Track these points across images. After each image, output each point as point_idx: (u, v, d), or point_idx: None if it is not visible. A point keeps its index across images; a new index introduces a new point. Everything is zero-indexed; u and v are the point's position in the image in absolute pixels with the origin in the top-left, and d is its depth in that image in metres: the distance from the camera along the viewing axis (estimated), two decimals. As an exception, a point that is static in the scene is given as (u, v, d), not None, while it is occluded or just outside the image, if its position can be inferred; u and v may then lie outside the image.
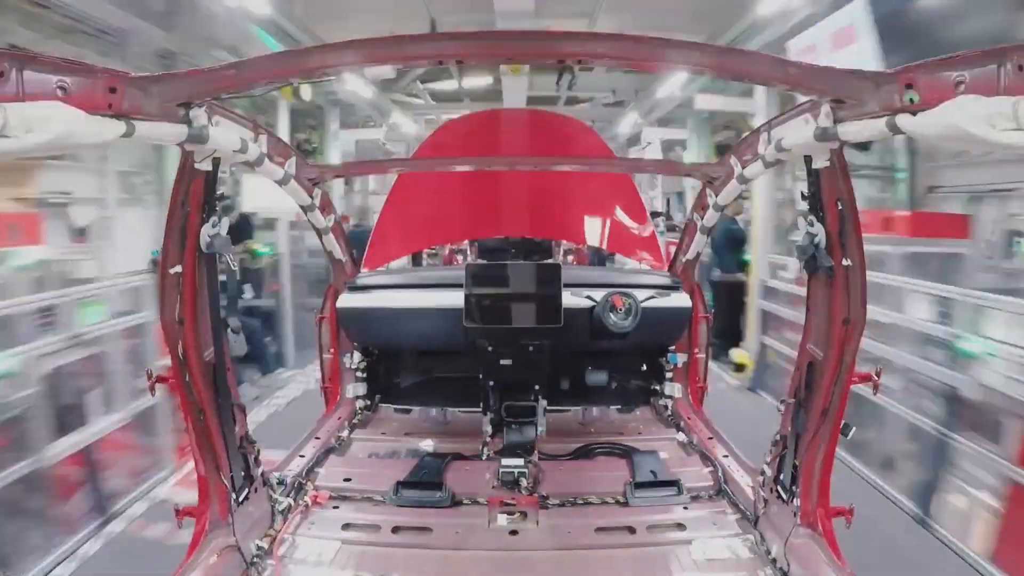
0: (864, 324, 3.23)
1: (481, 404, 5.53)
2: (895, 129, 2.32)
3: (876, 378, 3.55)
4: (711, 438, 5.09)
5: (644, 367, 6.04)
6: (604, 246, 7.40)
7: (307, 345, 11.01)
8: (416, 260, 11.56)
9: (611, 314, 5.27)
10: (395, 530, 3.98)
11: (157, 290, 3.26)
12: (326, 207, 4.97)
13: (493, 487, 4.38)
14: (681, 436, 5.28)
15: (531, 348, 5.36)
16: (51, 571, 5.78)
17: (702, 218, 5.01)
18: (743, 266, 13.33)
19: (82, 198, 11.86)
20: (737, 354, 12.34)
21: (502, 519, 4.07)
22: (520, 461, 4.47)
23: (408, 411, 6.06)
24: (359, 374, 5.91)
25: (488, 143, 6.42)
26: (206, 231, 3.27)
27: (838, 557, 3.34)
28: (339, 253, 5.49)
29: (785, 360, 10.10)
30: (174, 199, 3.19)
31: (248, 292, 10.64)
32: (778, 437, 3.89)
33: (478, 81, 21.06)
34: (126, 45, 11.16)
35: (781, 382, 9.20)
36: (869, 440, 7.64)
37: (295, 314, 12.85)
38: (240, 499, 3.71)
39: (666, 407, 5.86)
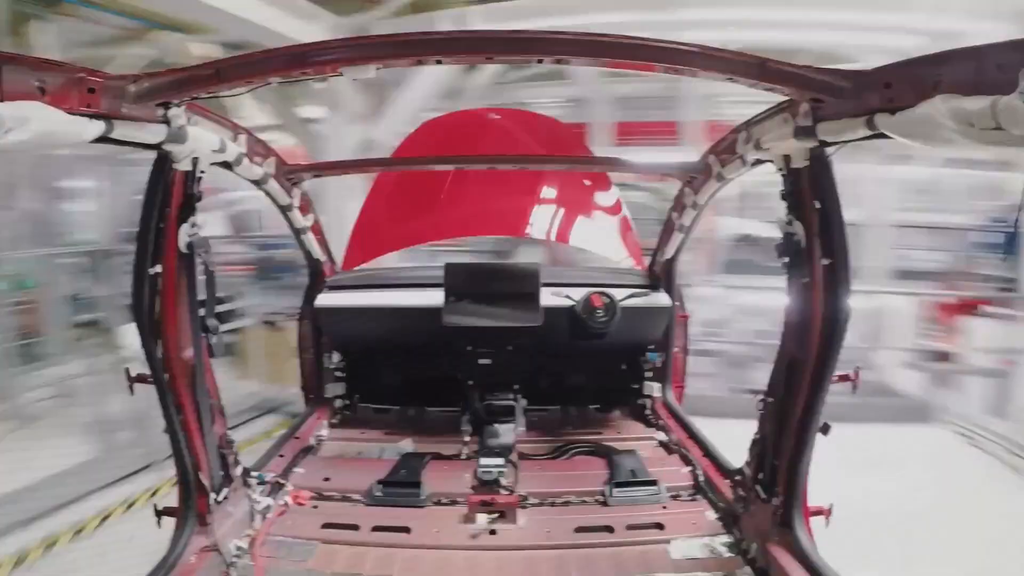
0: (846, 324, 3.23)
1: (460, 404, 5.54)
2: (874, 128, 2.34)
3: (855, 377, 3.57)
4: (690, 437, 5.10)
5: (624, 366, 6.05)
6: (582, 245, 7.42)
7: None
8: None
9: (590, 313, 5.28)
10: (374, 529, 3.97)
11: (132, 290, 3.24)
12: (305, 207, 4.97)
13: (472, 486, 4.37)
14: (660, 435, 5.30)
15: (510, 347, 5.38)
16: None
17: (680, 217, 5.03)
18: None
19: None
20: None
21: (481, 518, 4.06)
22: (499, 460, 4.47)
23: (387, 411, 6.04)
24: (338, 374, 5.90)
25: (468, 143, 6.42)
26: (185, 231, 3.26)
27: (816, 556, 3.36)
28: (317, 253, 5.48)
29: None
30: (148, 199, 3.18)
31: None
32: (757, 437, 3.90)
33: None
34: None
35: None
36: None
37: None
38: (219, 499, 3.70)
39: (645, 406, 5.87)
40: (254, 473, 4.15)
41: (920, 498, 7.67)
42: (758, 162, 3.58)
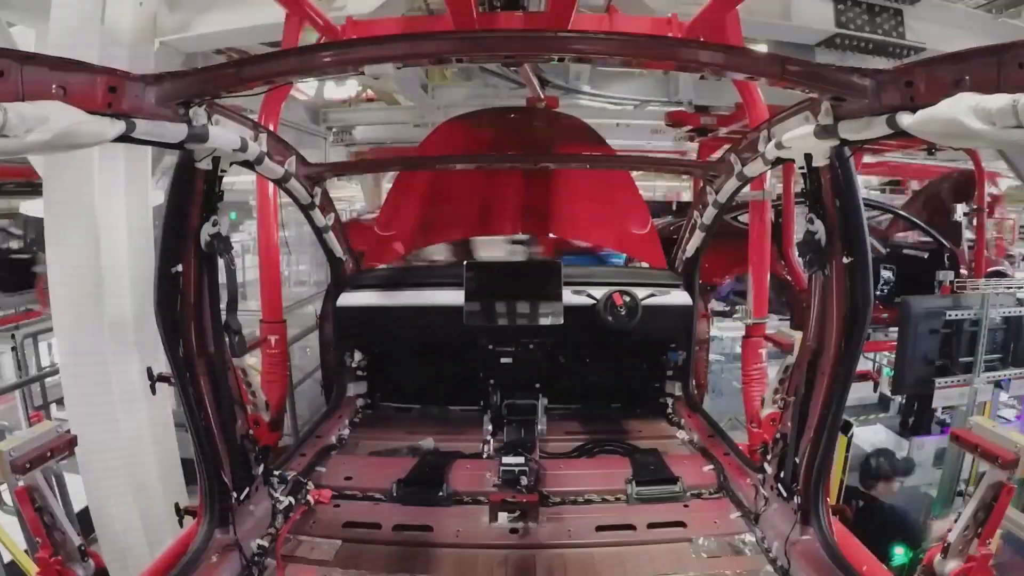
0: (867, 321, 3.22)
1: (482, 402, 5.54)
2: (895, 127, 2.32)
3: (876, 376, 3.55)
4: (711, 436, 5.09)
5: (645, 365, 6.03)
6: (605, 244, 7.41)
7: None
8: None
9: (611, 312, 5.27)
10: (396, 528, 3.97)
11: (155, 289, 3.25)
12: (326, 206, 4.98)
13: (494, 485, 4.37)
14: (682, 434, 5.28)
15: (531, 346, 5.37)
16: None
17: (701, 215, 5.01)
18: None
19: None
20: None
21: (503, 517, 4.06)
22: (521, 459, 4.45)
23: (409, 409, 6.05)
24: (360, 372, 5.91)
25: (488, 141, 6.43)
26: (206, 230, 3.28)
27: (838, 555, 3.34)
28: (339, 252, 5.50)
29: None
30: (171, 198, 3.20)
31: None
32: (779, 435, 3.89)
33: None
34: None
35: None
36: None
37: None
38: (241, 498, 3.72)
39: (667, 405, 5.85)
40: (276, 472, 4.17)
41: None
42: (779, 160, 3.56)
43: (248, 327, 4.11)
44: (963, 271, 10.12)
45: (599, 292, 5.42)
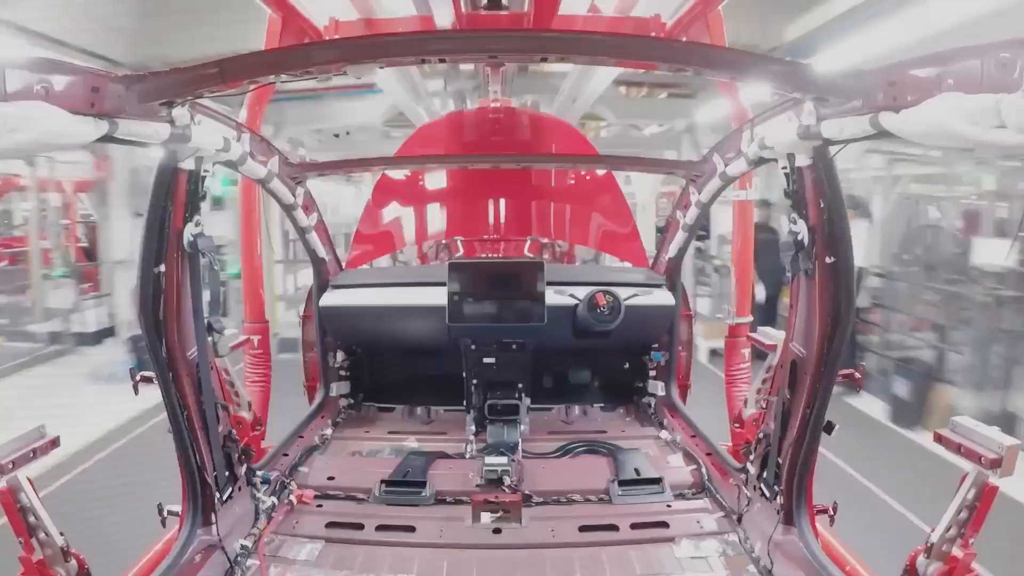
0: (850, 322, 3.23)
1: (464, 402, 5.53)
2: (878, 127, 2.33)
3: (859, 376, 3.56)
4: (694, 436, 5.09)
5: (627, 365, 6.03)
6: (587, 244, 7.41)
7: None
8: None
9: (594, 312, 5.27)
10: (379, 528, 3.96)
11: (138, 289, 3.24)
12: (308, 206, 4.97)
13: (477, 485, 4.37)
14: (664, 434, 5.28)
15: (514, 346, 5.36)
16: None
17: (684, 215, 5.02)
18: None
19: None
20: None
21: (486, 517, 4.06)
22: (504, 459, 4.46)
23: (391, 409, 6.03)
24: (342, 373, 5.89)
25: (471, 142, 6.42)
26: (189, 230, 3.27)
27: (821, 555, 3.35)
28: (322, 252, 5.48)
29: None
30: (154, 198, 3.19)
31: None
32: (761, 435, 3.90)
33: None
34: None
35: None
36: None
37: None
38: (224, 498, 3.71)
39: (649, 405, 5.86)
40: (259, 472, 4.15)
41: None
42: (762, 160, 3.57)
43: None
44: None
45: (582, 292, 5.42)
